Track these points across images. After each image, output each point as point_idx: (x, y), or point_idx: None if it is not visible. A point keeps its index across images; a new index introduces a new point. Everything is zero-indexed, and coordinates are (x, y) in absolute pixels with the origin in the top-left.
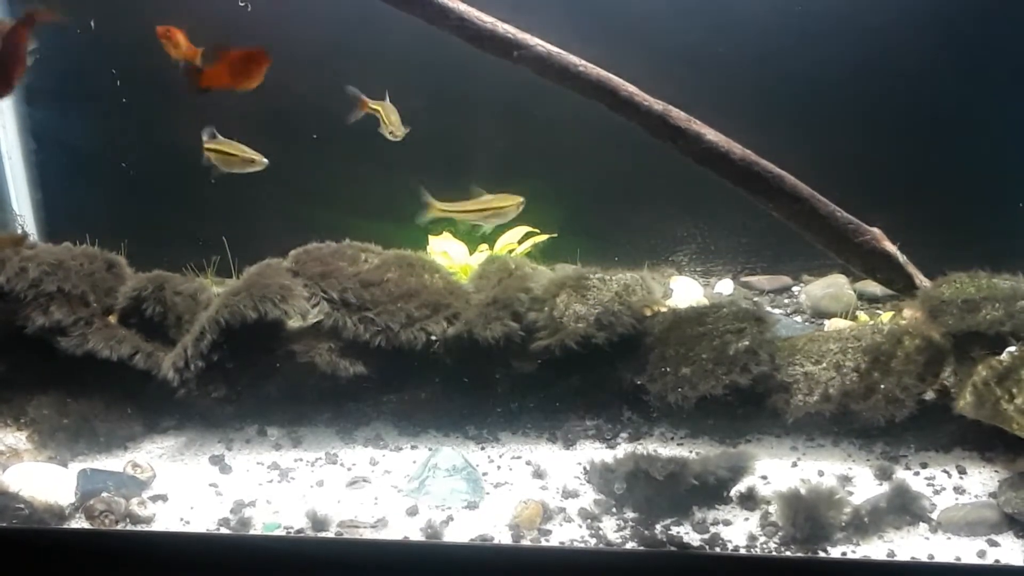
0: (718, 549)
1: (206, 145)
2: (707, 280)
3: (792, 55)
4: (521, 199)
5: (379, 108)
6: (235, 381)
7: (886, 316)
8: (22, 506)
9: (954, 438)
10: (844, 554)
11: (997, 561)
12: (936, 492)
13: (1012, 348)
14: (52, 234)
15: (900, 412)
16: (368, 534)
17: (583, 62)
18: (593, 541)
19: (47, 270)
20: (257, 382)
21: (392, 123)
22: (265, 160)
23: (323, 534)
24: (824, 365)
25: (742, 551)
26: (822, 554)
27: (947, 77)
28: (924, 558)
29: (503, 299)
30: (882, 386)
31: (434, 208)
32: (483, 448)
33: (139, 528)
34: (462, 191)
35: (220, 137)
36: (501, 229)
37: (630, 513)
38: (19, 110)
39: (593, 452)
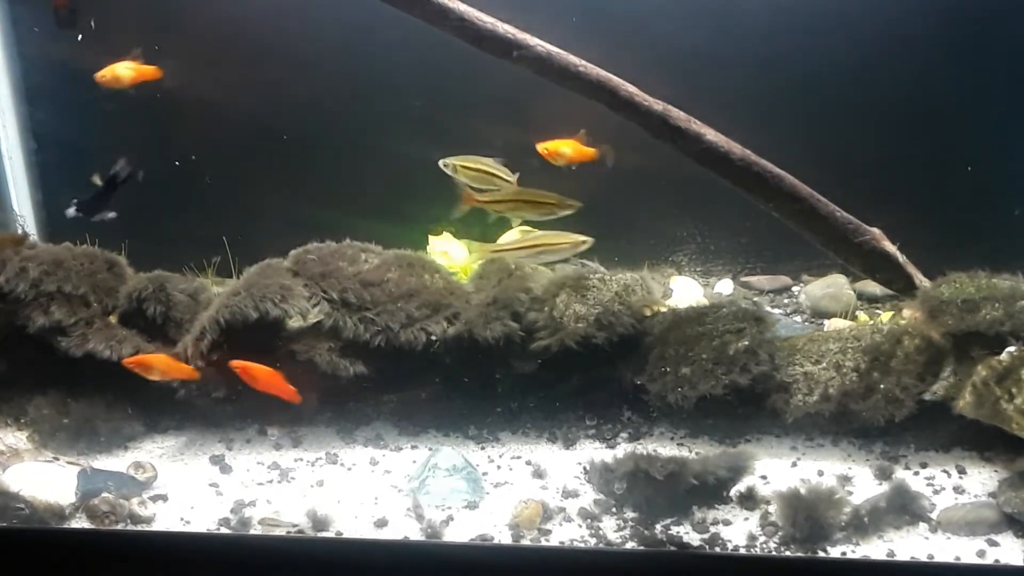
0: (718, 549)
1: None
2: (707, 280)
3: (792, 55)
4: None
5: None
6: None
7: (886, 316)
8: (22, 506)
9: (953, 438)
10: (844, 554)
11: (997, 561)
12: (936, 492)
13: (1012, 348)
14: (52, 234)
15: (900, 412)
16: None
17: (583, 62)
18: (593, 541)
19: (47, 270)
20: None
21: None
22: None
23: (323, 534)
24: (824, 365)
25: (742, 551)
26: (822, 554)
27: (948, 77)
28: (924, 558)
29: (503, 299)
30: (882, 386)
31: (469, 199)
32: (483, 448)
33: (140, 528)
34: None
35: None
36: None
37: (630, 513)
38: (19, 110)
39: (593, 452)
